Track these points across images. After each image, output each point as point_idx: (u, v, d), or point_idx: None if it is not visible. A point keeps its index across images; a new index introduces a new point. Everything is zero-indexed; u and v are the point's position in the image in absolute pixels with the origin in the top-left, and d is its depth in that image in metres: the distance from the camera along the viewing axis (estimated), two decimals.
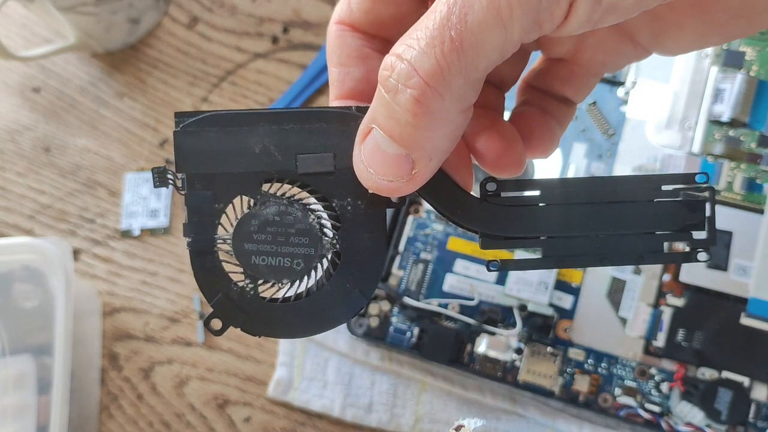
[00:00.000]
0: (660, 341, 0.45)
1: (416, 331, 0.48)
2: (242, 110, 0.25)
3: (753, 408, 0.44)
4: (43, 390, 0.45)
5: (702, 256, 0.26)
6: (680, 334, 0.45)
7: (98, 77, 0.58)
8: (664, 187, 0.27)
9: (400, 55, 0.22)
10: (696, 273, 0.45)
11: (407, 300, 0.48)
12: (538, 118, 0.29)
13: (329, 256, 0.26)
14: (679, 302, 0.45)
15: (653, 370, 0.45)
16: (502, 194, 0.27)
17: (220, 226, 0.26)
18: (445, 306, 0.48)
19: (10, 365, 0.45)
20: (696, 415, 0.44)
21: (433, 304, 0.47)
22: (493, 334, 0.46)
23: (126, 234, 0.54)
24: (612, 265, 0.27)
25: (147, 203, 0.54)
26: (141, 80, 0.57)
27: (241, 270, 0.26)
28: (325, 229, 0.26)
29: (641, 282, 0.46)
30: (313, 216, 0.26)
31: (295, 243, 0.26)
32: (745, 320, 0.44)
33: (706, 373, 0.44)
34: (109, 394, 0.51)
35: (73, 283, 0.45)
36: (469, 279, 0.48)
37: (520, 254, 0.44)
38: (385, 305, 0.48)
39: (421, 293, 0.48)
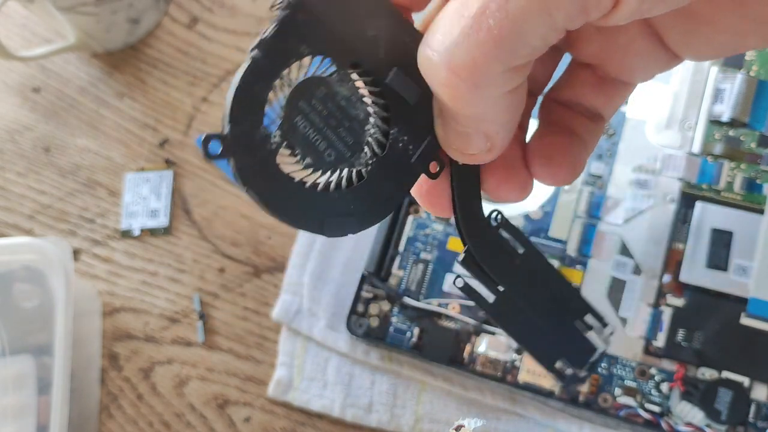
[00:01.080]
0: (660, 341, 0.45)
1: (416, 331, 0.48)
2: None
3: (753, 408, 0.44)
4: (43, 390, 0.45)
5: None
6: (680, 334, 0.45)
7: (98, 77, 0.58)
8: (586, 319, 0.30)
9: (432, 46, 0.22)
10: (696, 273, 0.45)
11: (407, 300, 0.48)
12: (562, 140, 0.27)
13: (355, 170, 0.25)
14: (679, 302, 0.45)
15: (653, 370, 0.45)
16: (501, 231, 0.28)
17: (291, 68, 0.24)
18: (446, 306, 0.48)
19: (10, 365, 0.45)
20: (696, 415, 0.44)
21: (433, 304, 0.48)
22: (493, 334, 0.46)
23: (126, 234, 0.54)
24: (529, 353, 0.31)
25: (147, 203, 0.54)
26: (141, 80, 0.57)
27: (281, 116, 0.23)
28: (370, 146, 0.25)
29: (641, 282, 0.46)
30: (369, 126, 0.25)
31: (340, 136, 0.24)
32: (745, 320, 0.44)
33: (706, 373, 0.45)
34: (109, 394, 0.51)
35: (73, 283, 0.45)
36: (469, 279, 0.48)
37: None
38: (385, 305, 0.48)
39: (421, 293, 0.48)
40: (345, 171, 0.25)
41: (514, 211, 0.49)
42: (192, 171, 0.55)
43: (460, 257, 0.28)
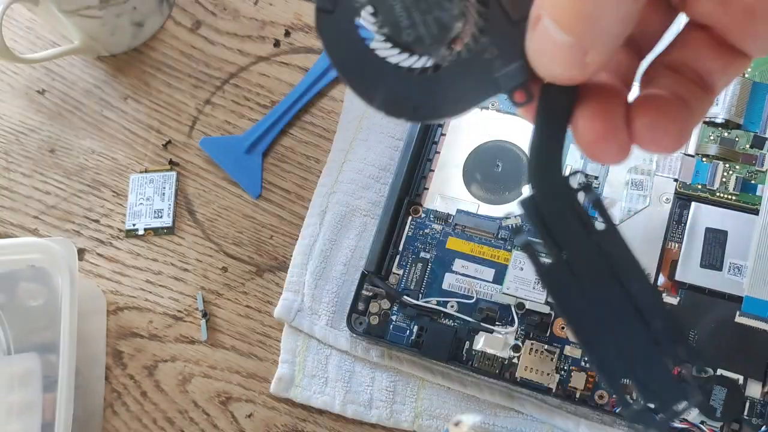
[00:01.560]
0: None
1: (416, 329, 0.48)
2: None
3: (747, 405, 0.44)
4: (48, 387, 0.46)
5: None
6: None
7: (102, 80, 0.59)
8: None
9: None
10: (691, 272, 0.46)
11: (407, 299, 0.48)
12: (669, 105, 0.24)
13: (431, 60, 0.24)
14: (674, 301, 0.46)
15: None
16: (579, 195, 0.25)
17: None
18: (444, 304, 0.48)
19: (16, 363, 0.46)
20: (691, 412, 0.44)
21: (432, 303, 0.48)
22: (491, 331, 0.47)
23: (130, 234, 0.55)
24: (583, 347, 0.25)
25: (151, 204, 0.55)
26: (145, 83, 0.58)
27: None
28: (454, 42, 0.24)
29: None
30: (459, 24, 0.24)
31: (426, 22, 0.23)
32: (740, 319, 0.45)
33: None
34: (113, 392, 0.52)
35: (77, 282, 0.45)
36: (468, 278, 0.49)
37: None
38: (385, 304, 0.49)
39: (420, 292, 0.49)
40: (419, 57, 0.24)
41: (511, 211, 0.50)
42: (195, 172, 0.56)
43: (522, 197, 0.25)
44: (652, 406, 0.24)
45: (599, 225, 0.24)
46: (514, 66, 0.24)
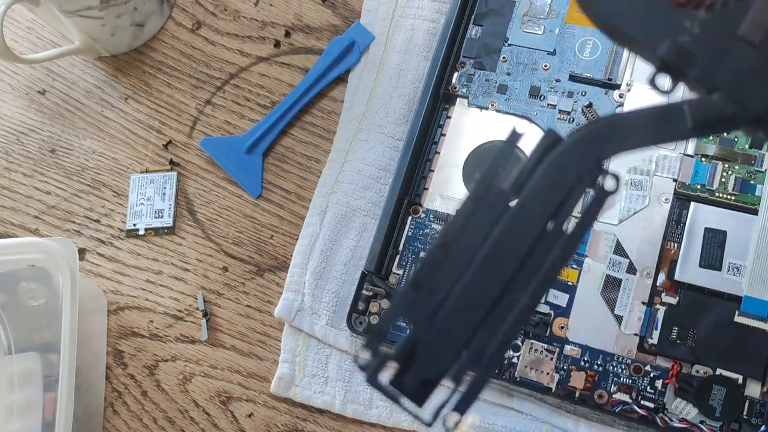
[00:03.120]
0: (654, 339, 0.46)
1: None
2: None
3: (747, 404, 0.44)
4: (49, 387, 0.46)
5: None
6: (674, 332, 0.46)
7: (103, 80, 0.59)
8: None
9: None
10: (690, 272, 0.46)
11: None
12: None
13: None
14: (674, 301, 0.46)
15: (648, 368, 0.46)
16: None
17: None
18: None
19: (17, 363, 0.46)
20: (690, 411, 0.44)
21: None
22: None
23: (131, 234, 0.55)
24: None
25: (152, 204, 0.55)
26: (145, 83, 0.58)
27: None
28: None
29: (636, 281, 0.47)
30: None
31: None
32: (739, 318, 0.45)
33: (701, 371, 0.45)
34: (113, 391, 0.52)
35: (78, 282, 0.45)
36: None
37: None
38: (385, 303, 0.49)
39: None
40: None
41: None
42: (196, 172, 0.56)
43: (556, 133, 0.23)
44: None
45: (571, 224, 0.23)
46: None
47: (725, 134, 0.46)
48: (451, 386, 0.23)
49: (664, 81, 0.21)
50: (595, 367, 0.46)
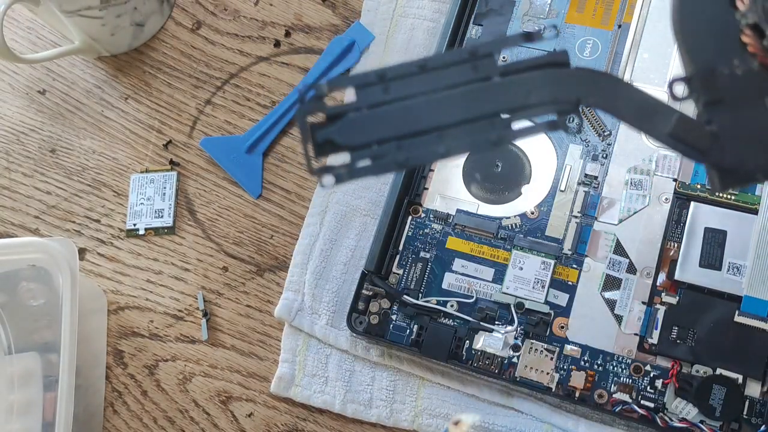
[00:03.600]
0: (654, 338, 0.46)
1: (415, 328, 0.48)
2: None
3: (747, 404, 0.44)
4: (49, 387, 0.46)
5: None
6: (674, 332, 0.46)
7: (103, 80, 0.59)
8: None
9: None
10: (690, 272, 0.46)
11: (407, 298, 0.48)
12: None
13: None
14: (674, 300, 0.46)
15: (648, 367, 0.46)
16: None
17: None
18: (444, 304, 0.48)
19: (17, 362, 0.46)
20: (690, 411, 0.44)
21: (432, 302, 0.48)
22: (490, 331, 0.47)
23: (131, 233, 0.55)
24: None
25: (152, 204, 0.55)
26: (145, 83, 0.58)
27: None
28: None
29: (636, 280, 0.47)
30: None
31: None
32: (739, 318, 0.45)
33: (701, 370, 0.45)
34: (114, 391, 0.52)
35: (78, 282, 0.45)
36: (468, 278, 0.49)
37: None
38: (385, 303, 0.49)
39: (420, 291, 0.49)
40: None
41: (510, 211, 0.50)
42: (196, 172, 0.56)
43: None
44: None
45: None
46: None
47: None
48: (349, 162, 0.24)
49: (681, 89, 0.22)
50: (595, 366, 0.46)
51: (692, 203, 0.47)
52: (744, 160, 0.21)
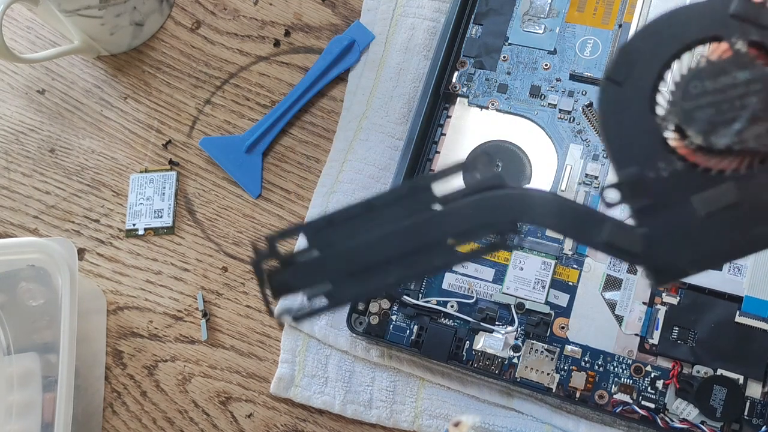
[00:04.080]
0: (655, 339, 0.46)
1: (416, 328, 0.48)
2: None
3: (747, 405, 0.44)
4: (48, 387, 0.46)
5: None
6: (675, 332, 0.46)
7: (102, 79, 0.59)
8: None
9: None
10: None
11: (407, 298, 0.48)
12: None
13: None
14: (674, 300, 0.46)
15: (649, 368, 0.46)
16: None
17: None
18: (444, 304, 0.48)
19: (16, 363, 0.46)
20: (691, 412, 0.44)
21: (432, 303, 0.48)
22: (491, 331, 0.47)
23: (130, 234, 0.55)
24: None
25: (151, 203, 0.55)
26: (145, 82, 0.58)
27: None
28: None
29: (636, 281, 0.47)
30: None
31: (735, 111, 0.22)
32: (740, 318, 0.45)
33: (701, 371, 0.45)
34: (113, 391, 0.52)
35: (77, 282, 0.45)
36: (468, 278, 0.49)
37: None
38: (385, 303, 0.49)
39: (420, 292, 0.49)
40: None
41: None
42: (195, 172, 0.56)
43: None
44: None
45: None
46: None
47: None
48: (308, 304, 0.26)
49: (615, 196, 0.23)
50: (596, 367, 0.46)
51: None
52: (675, 259, 0.23)
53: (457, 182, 0.26)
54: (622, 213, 0.25)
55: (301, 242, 0.26)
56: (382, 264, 0.25)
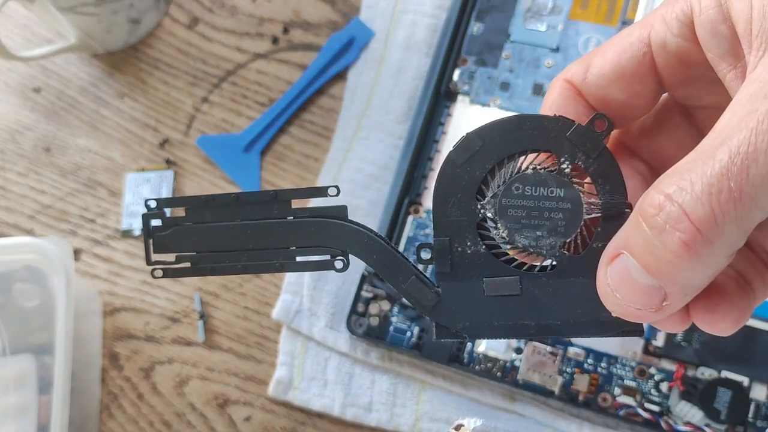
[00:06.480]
0: (659, 341, 0.45)
1: (416, 330, 0.48)
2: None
3: (752, 407, 0.44)
4: (44, 389, 0.45)
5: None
6: (679, 334, 0.45)
7: (99, 77, 0.58)
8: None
9: (670, 196, 0.21)
10: None
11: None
12: (729, 290, 0.25)
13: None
14: None
15: (652, 370, 0.45)
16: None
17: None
18: None
19: (11, 365, 0.46)
20: (695, 414, 0.44)
21: None
22: None
23: (126, 234, 0.54)
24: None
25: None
26: (141, 80, 0.58)
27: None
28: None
29: None
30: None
31: (541, 223, 0.26)
32: None
33: (706, 373, 0.45)
34: (109, 394, 0.51)
35: (73, 283, 0.45)
36: None
37: None
38: (385, 305, 0.48)
39: None
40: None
41: None
42: (192, 171, 0.55)
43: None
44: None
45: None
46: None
47: None
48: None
49: (427, 255, 0.27)
50: (599, 369, 0.46)
51: None
52: (454, 322, 0.27)
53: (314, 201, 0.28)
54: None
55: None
56: (238, 251, 0.28)
